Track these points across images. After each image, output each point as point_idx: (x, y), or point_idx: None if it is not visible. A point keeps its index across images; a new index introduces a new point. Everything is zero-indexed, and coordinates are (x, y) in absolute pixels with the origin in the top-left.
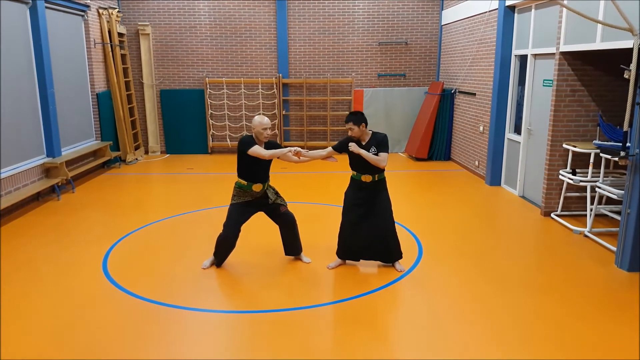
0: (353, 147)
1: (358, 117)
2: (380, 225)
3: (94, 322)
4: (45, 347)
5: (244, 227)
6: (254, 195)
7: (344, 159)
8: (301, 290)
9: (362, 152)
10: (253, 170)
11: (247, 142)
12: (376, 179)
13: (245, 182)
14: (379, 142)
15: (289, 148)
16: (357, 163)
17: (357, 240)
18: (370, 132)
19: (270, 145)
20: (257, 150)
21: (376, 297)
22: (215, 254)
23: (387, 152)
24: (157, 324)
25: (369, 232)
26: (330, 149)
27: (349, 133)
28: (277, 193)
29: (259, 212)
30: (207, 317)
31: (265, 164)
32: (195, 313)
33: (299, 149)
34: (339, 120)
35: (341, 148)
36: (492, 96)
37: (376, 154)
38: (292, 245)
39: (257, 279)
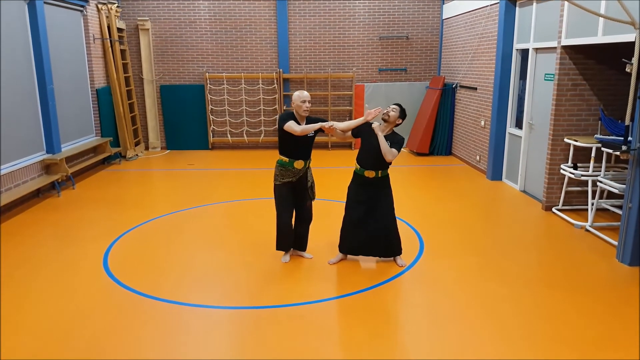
0: (375, 126)
1: (403, 110)
2: (383, 223)
3: (95, 319)
4: (45, 343)
5: (245, 222)
6: (296, 174)
7: (346, 155)
8: (303, 285)
9: (380, 135)
10: (294, 146)
11: (284, 117)
12: (379, 176)
13: (287, 159)
14: (395, 141)
15: (321, 123)
16: (365, 155)
17: (359, 237)
18: (392, 130)
19: (311, 121)
20: (290, 125)
21: (377, 292)
22: (278, 243)
23: (399, 152)
24: (158, 321)
25: (371, 230)
26: (350, 132)
27: (387, 110)
28: (312, 179)
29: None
30: (208, 314)
31: (306, 140)
32: (197, 309)
33: (333, 123)
34: (341, 115)
35: (358, 132)
36: (493, 90)
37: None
38: (301, 240)
39: (259, 275)
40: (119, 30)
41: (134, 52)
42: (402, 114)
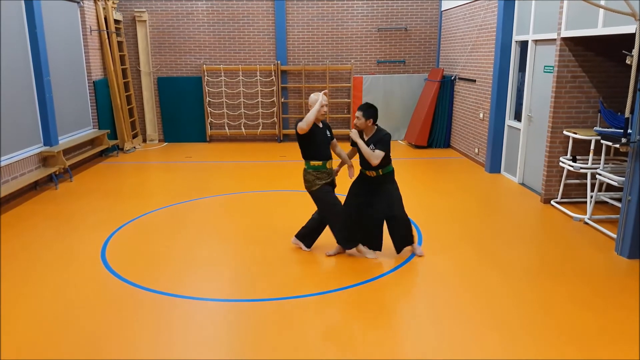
0: (352, 134)
1: (367, 111)
2: (380, 214)
3: (92, 310)
4: (43, 334)
5: (243, 215)
6: (330, 174)
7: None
8: (300, 277)
9: (360, 142)
10: (320, 148)
11: (297, 123)
12: (380, 174)
13: (320, 163)
14: (379, 140)
15: (321, 100)
16: (362, 159)
17: (357, 228)
18: (376, 127)
19: (325, 126)
20: (300, 126)
21: (375, 285)
22: (349, 239)
23: (385, 150)
24: (155, 313)
25: (368, 220)
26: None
27: (354, 121)
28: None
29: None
30: (206, 306)
31: (325, 140)
32: (195, 302)
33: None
34: (339, 108)
35: (353, 142)
36: (492, 83)
37: (374, 150)
38: (313, 234)
39: (257, 267)
40: (116, 22)
41: (131, 44)
42: (368, 115)
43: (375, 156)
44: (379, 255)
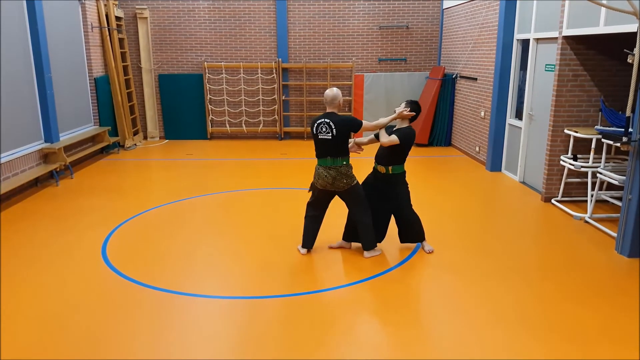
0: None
1: (411, 104)
2: (382, 216)
3: (93, 308)
4: (43, 332)
5: (244, 212)
6: None
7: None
8: (300, 275)
9: (384, 120)
10: None
11: (354, 120)
12: (390, 172)
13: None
14: (401, 130)
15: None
16: (379, 150)
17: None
18: (409, 124)
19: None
20: (367, 125)
21: (376, 282)
22: (376, 238)
23: (399, 138)
24: (156, 311)
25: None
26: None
27: (404, 108)
28: None
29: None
30: (206, 303)
31: None
32: (195, 299)
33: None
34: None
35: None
36: (493, 81)
37: (389, 134)
38: (314, 232)
39: (259, 264)
40: (117, 18)
41: (132, 40)
42: (410, 106)
43: (387, 137)
44: (379, 252)
